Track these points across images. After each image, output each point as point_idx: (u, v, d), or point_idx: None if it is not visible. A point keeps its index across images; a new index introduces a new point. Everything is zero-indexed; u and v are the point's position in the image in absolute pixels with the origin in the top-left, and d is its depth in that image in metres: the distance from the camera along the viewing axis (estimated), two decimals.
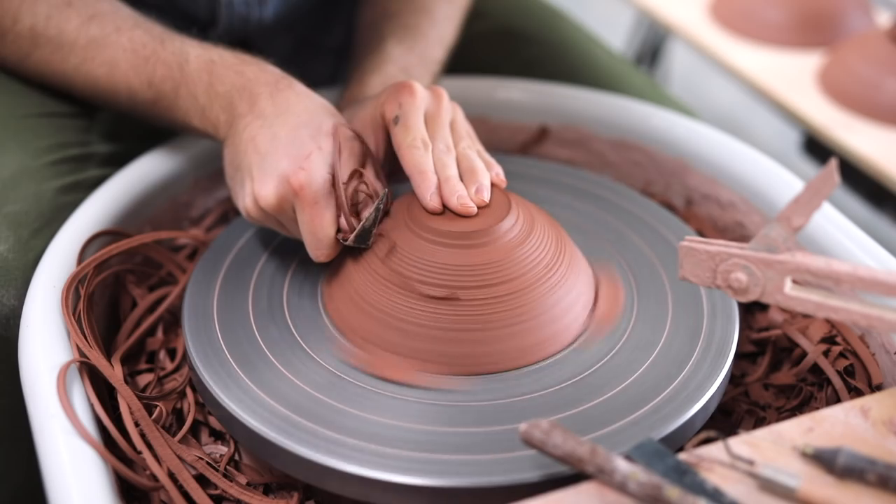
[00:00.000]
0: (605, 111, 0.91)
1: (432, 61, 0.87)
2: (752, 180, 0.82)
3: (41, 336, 0.65)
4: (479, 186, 0.68)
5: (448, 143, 0.70)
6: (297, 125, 0.68)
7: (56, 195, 0.76)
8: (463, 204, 0.67)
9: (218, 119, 0.73)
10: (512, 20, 1.05)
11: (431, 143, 0.69)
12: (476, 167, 0.69)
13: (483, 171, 0.69)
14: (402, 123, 0.69)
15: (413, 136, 0.69)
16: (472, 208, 0.67)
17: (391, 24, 0.87)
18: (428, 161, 0.68)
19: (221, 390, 0.63)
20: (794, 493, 0.53)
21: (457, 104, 0.74)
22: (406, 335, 0.65)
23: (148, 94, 0.76)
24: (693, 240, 0.61)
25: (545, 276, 0.66)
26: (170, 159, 0.83)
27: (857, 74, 1.35)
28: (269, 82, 0.72)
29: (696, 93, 2.13)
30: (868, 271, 0.56)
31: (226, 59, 0.74)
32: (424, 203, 0.67)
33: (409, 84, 0.71)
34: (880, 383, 0.69)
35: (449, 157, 0.69)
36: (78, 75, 0.79)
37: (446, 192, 0.67)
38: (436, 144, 0.69)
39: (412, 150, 0.68)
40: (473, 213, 0.67)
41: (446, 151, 0.69)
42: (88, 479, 0.57)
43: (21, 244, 0.72)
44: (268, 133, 0.69)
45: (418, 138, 0.69)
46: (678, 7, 1.62)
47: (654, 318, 0.69)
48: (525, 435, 0.55)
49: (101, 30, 0.77)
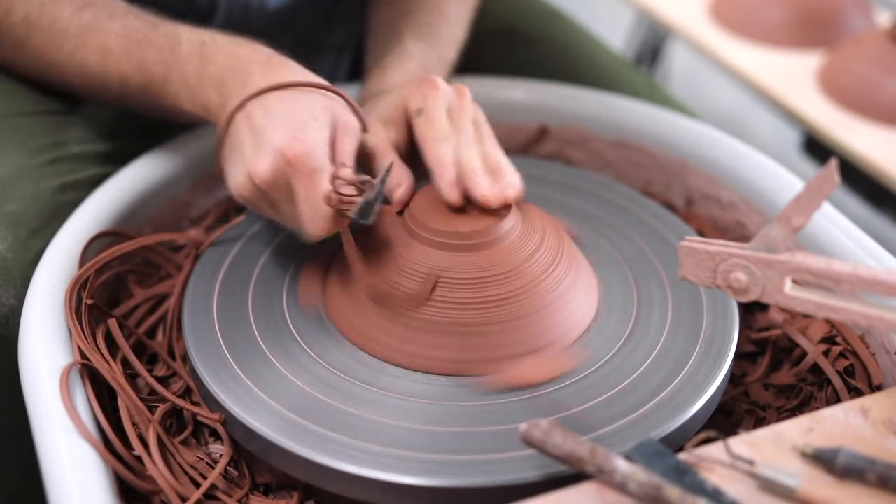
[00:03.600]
0: (605, 111, 0.91)
1: (448, 61, 0.87)
2: (752, 180, 0.82)
3: (42, 337, 0.65)
4: (507, 182, 0.67)
5: (471, 137, 0.69)
6: (291, 99, 0.67)
7: (54, 194, 0.76)
8: (484, 195, 0.66)
9: (209, 100, 0.72)
10: (512, 20, 1.05)
11: (454, 136, 0.68)
12: (503, 165, 0.68)
13: (511, 170, 0.68)
14: (426, 115, 0.69)
15: (436, 128, 0.68)
16: (492, 201, 0.66)
17: (410, 22, 0.87)
18: (449, 153, 0.67)
19: (221, 390, 0.63)
20: (794, 493, 0.53)
21: (479, 106, 0.73)
22: (406, 335, 0.65)
23: (139, 79, 0.76)
24: (693, 240, 0.61)
25: (545, 277, 0.66)
26: (170, 159, 0.83)
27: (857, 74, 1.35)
28: (261, 60, 0.71)
29: (696, 93, 2.13)
30: (868, 271, 0.56)
31: (218, 41, 0.73)
32: (443, 195, 0.67)
33: (433, 78, 0.70)
34: (880, 383, 0.69)
35: (472, 150, 0.68)
36: (71, 64, 0.78)
37: (469, 183, 0.66)
38: (459, 137, 0.68)
39: (434, 141, 0.68)
40: (494, 205, 0.66)
41: (469, 144, 0.68)
42: (89, 479, 0.57)
43: (20, 243, 0.72)
44: (261, 109, 0.67)
45: (441, 130, 0.68)
46: (678, 7, 1.62)
47: (654, 318, 0.69)
48: (525, 435, 0.55)
49: (94, 16, 0.76)
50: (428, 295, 0.64)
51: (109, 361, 0.67)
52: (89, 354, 0.65)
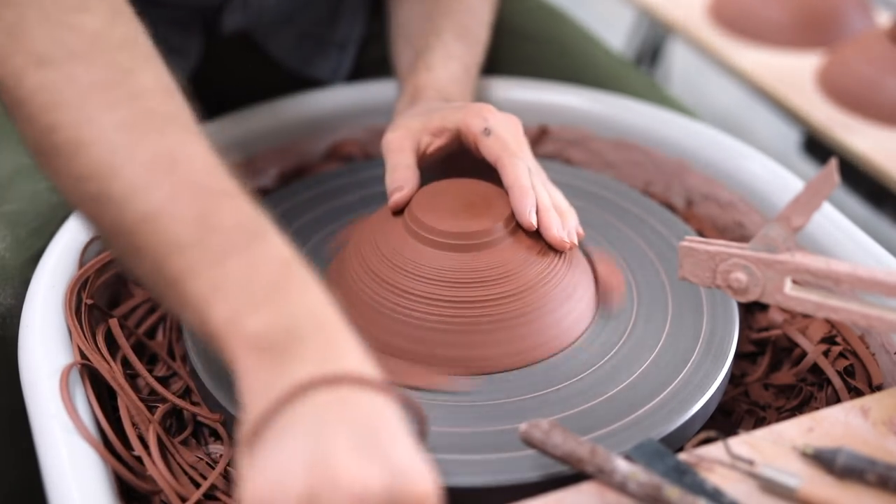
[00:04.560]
0: (605, 111, 0.91)
1: (479, 65, 0.87)
2: (752, 180, 0.82)
3: (42, 337, 0.65)
4: (572, 227, 0.68)
5: (537, 167, 0.70)
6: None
7: (52, 194, 0.76)
8: (556, 237, 0.66)
9: None
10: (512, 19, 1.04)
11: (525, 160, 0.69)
12: (564, 206, 0.69)
13: (572, 212, 0.69)
14: (496, 136, 0.69)
15: (511, 149, 0.68)
16: (561, 245, 0.67)
17: (449, 21, 0.86)
18: (528, 178, 0.67)
19: (221, 391, 0.63)
20: (794, 493, 0.53)
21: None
22: (406, 336, 0.65)
23: None
24: (693, 240, 0.61)
25: (545, 277, 0.66)
26: None
27: (857, 74, 1.35)
28: None
29: (696, 93, 2.13)
30: (868, 271, 0.56)
31: None
32: (523, 219, 0.66)
33: (490, 106, 0.70)
34: (880, 383, 0.69)
35: (543, 185, 0.68)
36: None
37: (544, 220, 0.67)
38: (529, 164, 0.69)
39: (515, 160, 0.67)
40: (567, 248, 0.67)
41: (538, 175, 0.69)
42: (89, 480, 0.57)
43: (18, 243, 0.72)
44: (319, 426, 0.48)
45: (515, 151, 0.68)
46: (678, 7, 1.62)
47: (654, 318, 0.69)
48: (525, 435, 0.55)
49: None
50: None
51: (109, 362, 0.67)
52: (89, 354, 0.65)
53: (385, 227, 0.68)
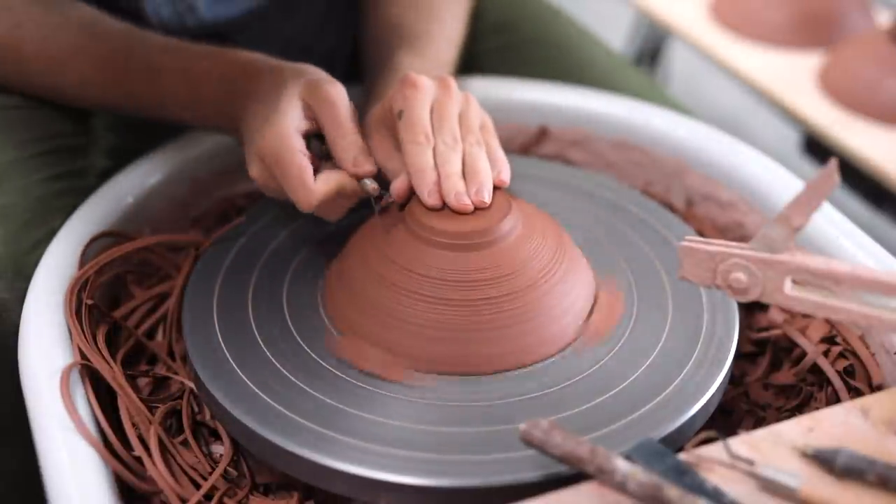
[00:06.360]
0: (605, 111, 0.91)
1: (445, 63, 0.86)
2: (752, 180, 0.82)
3: (42, 337, 0.65)
4: (479, 187, 0.67)
5: (455, 135, 0.69)
6: (265, 99, 0.70)
7: (44, 186, 0.76)
8: (459, 201, 0.66)
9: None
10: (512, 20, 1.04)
11: (435, 137, 0.68)
12: (478, 167, 0.68)
13: (486, 171, 0.68)
14: (406, 118, 0.68)
15: (415, 132, 0.68)
16: (468, 205, 0.66)
17: (398, 36, 0.86)
18: (427, 158, 0.67)
19: (221, 391, 0.63)
20: (794, 493, 0.53)
21: (469, 93, 0.72)
22: (407, 336, 0.65)
23: (129, 103, 0.79)
24: (693, 240, 0.61)
25: (545, 277, 0.66)
26: (170, 159, 0.83)
27: (857, 74, 1.35)
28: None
29: (696, 93, 2.13)
30: (868, 271, 0.56)
31: (201, 64, 0.76)
32: (423, 200, 0.67)
33: (413, 77, 0.70)
34: (880, 383, 0.69)
35: (452, 152, 0.68)
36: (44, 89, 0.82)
37: (444, 188, 0.66)
38: (440, 138, 0.68)
39: (412, 146, 0.67)
40: (469, 210, 0.66)
41: (451, 146, 0.68)
42: (88, 480, 0.57)
43: (10, 236, 0.72)
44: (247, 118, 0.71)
45: (420, 134, 0.68)
46: (678, 7, 1.62)
47: (654, 318, 0.69)
48: (525, 435, 0.55)
49: None
50: None
51: (109, 362, 0.67)
52: (89, 355, 0.65)
53: (386, 226, 0.68)
